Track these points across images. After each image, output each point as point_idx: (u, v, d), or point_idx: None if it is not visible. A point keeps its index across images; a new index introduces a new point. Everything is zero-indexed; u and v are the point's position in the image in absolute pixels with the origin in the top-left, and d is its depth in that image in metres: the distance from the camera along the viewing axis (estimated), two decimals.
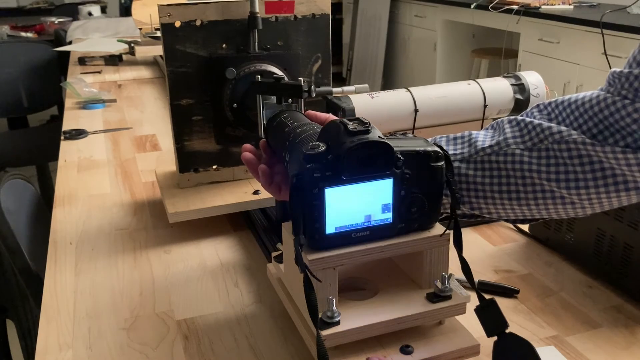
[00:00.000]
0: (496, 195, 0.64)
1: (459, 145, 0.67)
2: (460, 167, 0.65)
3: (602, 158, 0.58)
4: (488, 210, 0.66)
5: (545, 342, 0.68)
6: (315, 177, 0.54)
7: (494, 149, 0.64)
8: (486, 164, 0.64)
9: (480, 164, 0.64)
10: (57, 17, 4.02)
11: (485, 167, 0.64)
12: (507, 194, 0.63)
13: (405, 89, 0.97)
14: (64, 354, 0.69)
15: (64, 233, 0.97)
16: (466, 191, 0.65)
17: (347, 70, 4.94)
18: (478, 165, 0.65)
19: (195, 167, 0.99)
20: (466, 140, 0.67)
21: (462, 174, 0.65)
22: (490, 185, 0.64)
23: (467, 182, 0.65)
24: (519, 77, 1.02)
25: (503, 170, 0.63)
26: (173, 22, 0.90)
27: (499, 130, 0.66)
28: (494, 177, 0.64)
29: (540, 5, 3.09)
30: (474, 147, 0.65)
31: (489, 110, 1.00)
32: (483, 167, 0.64)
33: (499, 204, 0.65)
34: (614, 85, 0.59)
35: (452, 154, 0.66)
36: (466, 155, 0.66)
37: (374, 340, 0.61)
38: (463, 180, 0.65)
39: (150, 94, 1.85)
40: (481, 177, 0.64)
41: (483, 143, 0.65)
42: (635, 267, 0.73)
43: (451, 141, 0.68)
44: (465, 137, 0.68)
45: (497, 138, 0.65)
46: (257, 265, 0.86)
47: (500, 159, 0.63)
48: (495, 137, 0.65)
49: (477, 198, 0.65)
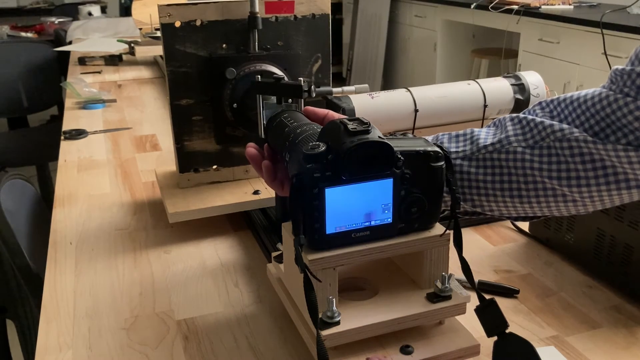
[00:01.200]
0: (498, 192, 0.64)
1: (461, 142, 0.67)
2: (462, 165, 0.65)
3: (604, 156, 0.58)
4: (490, 208, 0.66)
5: (545, 342, 0.68)
6: (315, 177, 0.54)
7: (495, 147, 0.64)
8: (488, 161, 0.64)
9: (482, 161, 0.65)
10: (57, 17, 4.03)
11: (487, 164, 0.64)
12: (509, 192, 0.64)
13: (405, 89, 0.97)
14: (64, 354, 0.69)
15: (64, 233, 0.97)
16: (468, 189, 0.65)
17: (347, 70, 4.94)
18: (480, 162, 0.65)
19: (195, 167, 0.99)
20: (468, 137, 0.67)
21: (464, 171, 0.65)
22: (492, 183, 0.64)
23: (469, 180, 0.65)
24: (519, 77, 1.02)
25: (505, 168, 0.63)
26: (173, 22, 0.90)
27: (501, 127, 0.66)
28: (496, 174, 0.64)
29: (540, 5, 3.09)
30: (476, 145, 0.65)
31: (489, 110, 1.00)
32: (485, 165, 0.64)
33: (501, 202, 0.65)
34: (616, 82, 0.59)
35: (454, 151, 0.66)
36: (468, 152, 0.66)
37: (374, 340, 0.61)
38: (465, 178, 0.65)
39: (150, 94, 1.85)
40: (483, 174, 0.64)
41: (485, 140, 0.65)
42: (635, 267, 0.73)
43: (453, 139, 0.68)
44: (467, 134, 0.68)
45: (499, 135, 0.65)
46: (257, 265, 0.86)
47: (502, 157, 0.63)
48: (497, 135, 0.65)
49: (478, 196, 0.65)
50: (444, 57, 4.05)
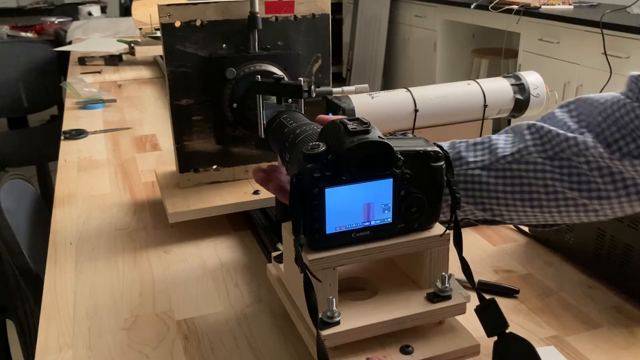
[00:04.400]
0: (518, 203, 0.64)
1: (479, 152, 0.66)
2: (482, 175, 0.65)
3: (622, 170, 0.58)
4: (509, 217, 0.66)
5: (545, 342, 0.68)
6: (315, 177, 0.55)
7: (515, 157, 0.64)
8: (507, 171, 0.64)
9: (501, 171, 0.64)
10: (57, 17, 4.02)
11: (507, 174, 0.64)
12: (529, 202, 0.63)
13: (405, 89, 0.97)
14: (64, 354, 0.69)
15: (64, 233, 0.97)
16: (487, 199, 0.65)
17: (347, 70, 4.94)
18: (499, 173, 0.64)
19: (195, 167, 0.99)
20: (486, 146, 0.66)
21: (483, 182, 0.65)
22: (512, 194, 0.64)
23: (488, 190, 0.65)
24: (519, 77, 1.02)
25: (525, 178, 0.63)
26: (173, 22, 0.90)
27: (519, 136, 0.65)
28: (516, 184, 0.63)
29: (540, 5, 3.09)
30: (495, 155, 0.65)
31: (489, 110, 1.00)
32: (504, 175, 0.64)
33: (521, 211, 0.65)
34: (634, 90, 0.59)
35: (473, 161, 0.66)
36: (487, 163, 0.65)
37: (374, 340, 0.61)
38: (484, 189, 0.65)
39: (150, 94, 1.85)
40: (502, 184, 0.64)
41: (504, 150, 0.65)
42: (635, 267, 0.73)
43: (471, 147, 0.67)
44: (485, 142, 0.67)
45: (517, 145, 0.64)
46: (257, 265, 0.86)
47: (522, 167, 0.63)
48: (516, 144, 0.65)
49: (498, 206, 0.65)
50: (444, 57, 4.05)
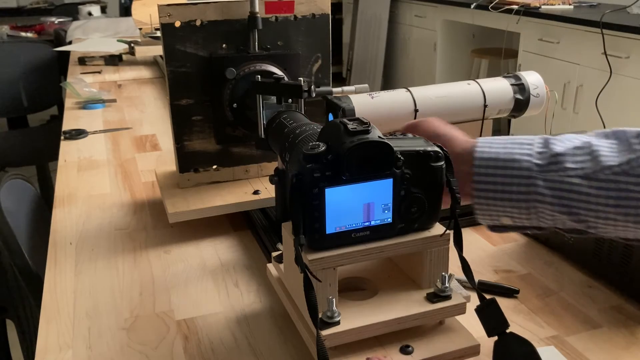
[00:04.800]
0: (620, 217, 0.58)
1: (579, 157, 0.59)
2: (582, 185, 0.58)
3: None
4: (605, 230, 0.60)
5: (545, 342, 0.68)
6: (315, 177, 0.55)
7: (623, 168, 0.57)
8: (612, 183, 0.57)
9: (604, 182, 0.58)
10: (57, 17, 4.02)
11: (611, 187, 0.57)
12: (634, 217, 0.57)
13: (405, 89, 0.97)
14: (64, 354, 0.69)
15: (64, 233, 0.97)
16: (585, 210, 0.59)
17: (347, 70, 4.94)
18: (603, 184, 0.58)
19: (195, 167, 0.99)
20: (587, 152, 0.59)
21: (582, 192, 0.58)
22: (614, 207, 0.58)
23: (587, 202, 0.58)
24: (519, 77, 1.02)
25: (633, 192, 0.57)
26: (173, 22, 0.90)
27: (626, 144, 0.59)
28: (621, 198, 0.57)
29: (540, 5, 3.09)
30: (598, 163, 0.58)
31: (489, 110, 1.00)
32: (608, 187, 0.57)
33: (621, 226, 0.59)
34: None
35: (572, 167, 0.59)
36: (589, 172, 0.58)
37: (374, 340, 0.61)
38: (583, 199, 0.58)
39: (150, 94, 1.85)
40: (605, 197, 0.58)
41: (609, 159, 0.58)
42: (635, 267, 0.73)
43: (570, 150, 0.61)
44: (585, 148, 0.60)
45: (627, 155, 0.58)
46: (257, 265, 0.86)
47: (631, 180, 0.56)
48: (623, 154, 0.58)
49: (596, 219, 0.59)
50: (444, 57, 4.04)
